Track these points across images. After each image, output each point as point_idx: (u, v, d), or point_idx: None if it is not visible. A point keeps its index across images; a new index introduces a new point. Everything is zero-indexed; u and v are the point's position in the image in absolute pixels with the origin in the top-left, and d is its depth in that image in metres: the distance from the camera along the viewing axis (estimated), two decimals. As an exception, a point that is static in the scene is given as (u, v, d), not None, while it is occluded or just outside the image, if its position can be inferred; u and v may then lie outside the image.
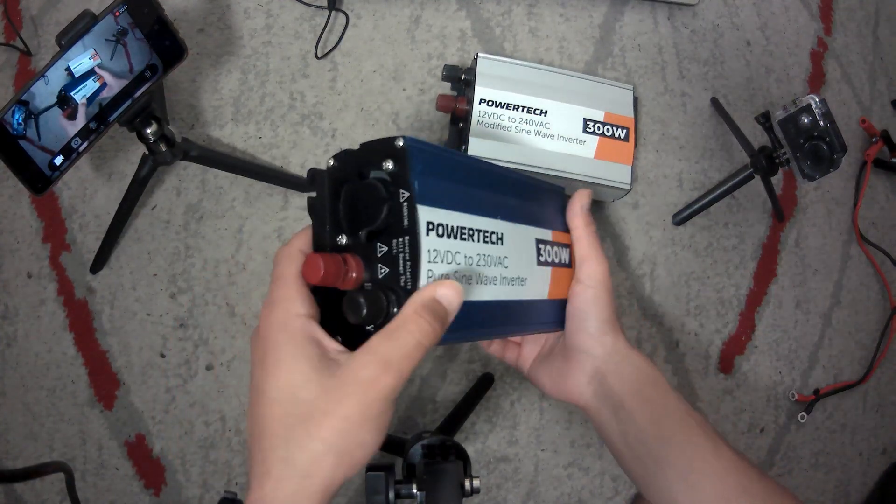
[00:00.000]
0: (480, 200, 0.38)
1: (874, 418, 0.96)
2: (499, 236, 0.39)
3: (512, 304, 0.41)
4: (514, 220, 0.41)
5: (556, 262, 0.46)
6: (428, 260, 0.33)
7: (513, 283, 0.40)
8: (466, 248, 0.36)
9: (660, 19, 0.98)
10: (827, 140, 0.76)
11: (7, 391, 0.79)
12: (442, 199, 0.35)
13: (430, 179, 0.34)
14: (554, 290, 0.45)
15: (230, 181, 0.84)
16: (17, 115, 0.59)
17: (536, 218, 0.44)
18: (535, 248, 0.44)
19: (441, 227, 0.34)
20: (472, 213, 0.37)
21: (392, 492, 0.52)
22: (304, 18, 0.90)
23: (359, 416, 0.30)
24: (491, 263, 0.38)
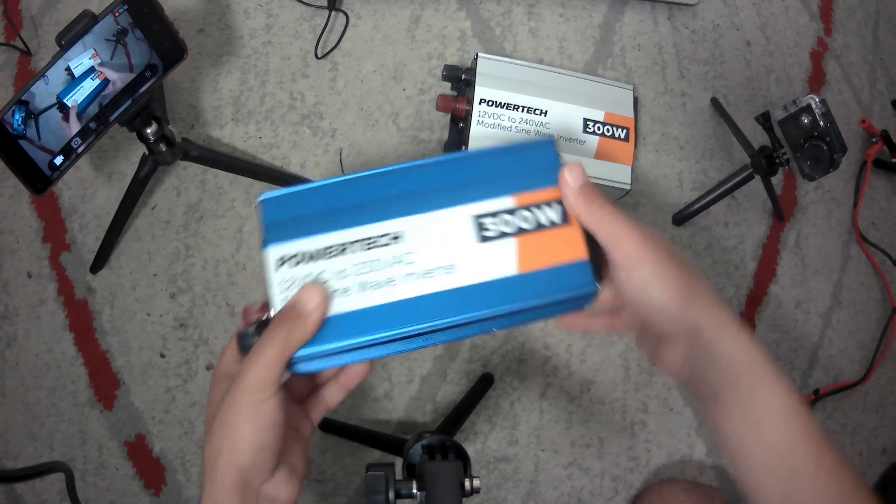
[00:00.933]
0: (358, 211, 0.41)
1: (874, 418, 0.96)
2: (390, 235, 0.41)
3: (435, 297, 0.40)
4: (420, 210, 0.42)
5: (527, 229, 0.42)
6: (280, 291, 0.40)
7: (428, 275, 0.41)
8: (336, 264, 0.40)
9: (660, 19, 0.98)
10: (827, 140, 0.76)
11: (7, 391, 0.79)
12: (299, 231, 0.41)
13: (284, 220, 0.41)
14: (531, 259, 0.41)
15: (230, 181, 0.84)
16: (17, 115, 0.59)
17: (476, 192, 0.42)
18: (474, 225, 0.42)
19: (298, 256, 0.40)
20: (337, 230, 0.41)
21: (392, 492, 0.52)
22: (304, 18, 0.90)
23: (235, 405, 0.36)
24: (380, 267, 0.40)
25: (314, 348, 0.39)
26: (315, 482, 0.81)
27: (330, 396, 0.45)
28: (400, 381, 0.84)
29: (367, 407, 0.83)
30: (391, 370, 0.83)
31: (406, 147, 0.88)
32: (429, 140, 0.89)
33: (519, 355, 0.86)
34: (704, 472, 0.89)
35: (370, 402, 0.83)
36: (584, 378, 0.87)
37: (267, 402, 0.36)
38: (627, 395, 0.88)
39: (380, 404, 0.83)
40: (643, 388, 0.89)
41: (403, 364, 0.84)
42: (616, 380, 0.88)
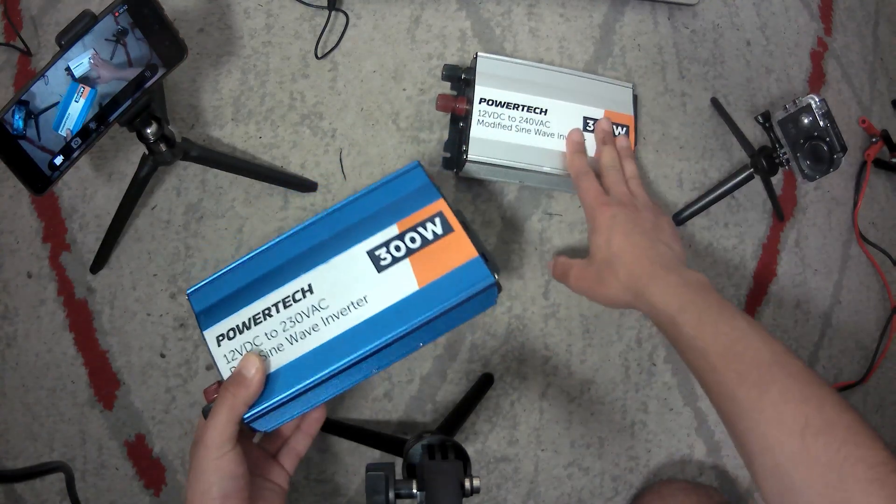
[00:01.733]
0: (270, 280, 0.47)
1: (874, 418, 0.96)
2: (302, 290, 0.47)
3: (357, 328, 0.45)
4: (321, 261, 0.47)
5: (414, 248, 0.47)
6: (225, 364, 0.46)
7: (344, 313, 0.46)
8: (265, 327, 0.46)
9: (660, 19, 0.98)
10: (827, 140, 0.77)
11: (7, 391, 0.79)
12: (226, 310, 0.47)
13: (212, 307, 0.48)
14: (428, 272, 0.46)
15: (230, 181, 0.84)
16: (17, 115, 0.60)
17: (361, 232, 0.48)
18: (369, 260, 0.47)
19: (232, 331, 0.46)
20: (258, 299, 0.47)
21: (392, 492, 0.52)
22: (304, 18, 0.90)
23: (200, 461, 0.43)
24: (304, 318, 0.46)
25: (266, 404, 0.44)
26: (315, 482, 0.81)
27: (298, 445, 0.54)
28: (400, 381, 0.84)
29: (367, 407, 0.83)
30: (391, 370, 0.83)
31: (406, 147, 0.88)
32: (429, 140, 0.89)
33: (519, 355, 0.86)
34: (704, 472, 0.89)
35: (370, 402, 0.83)
36: (584, 378, 0.87)
37: (225, 458, 0.43)
38: (627, 395, 0.88)
39: (380, 404, 0.83)
40: (643, 388, 0.89)
41: (403, 364, 0.84)
42: (616, 380, 0.88)
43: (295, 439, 0.53)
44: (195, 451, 0.44)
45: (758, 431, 0.41)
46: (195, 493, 0.43)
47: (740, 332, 0.46)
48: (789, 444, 0.39)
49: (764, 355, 0.43)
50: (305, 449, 0.54)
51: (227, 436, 0.43)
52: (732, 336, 0.46)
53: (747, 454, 0.42)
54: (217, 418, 0.43)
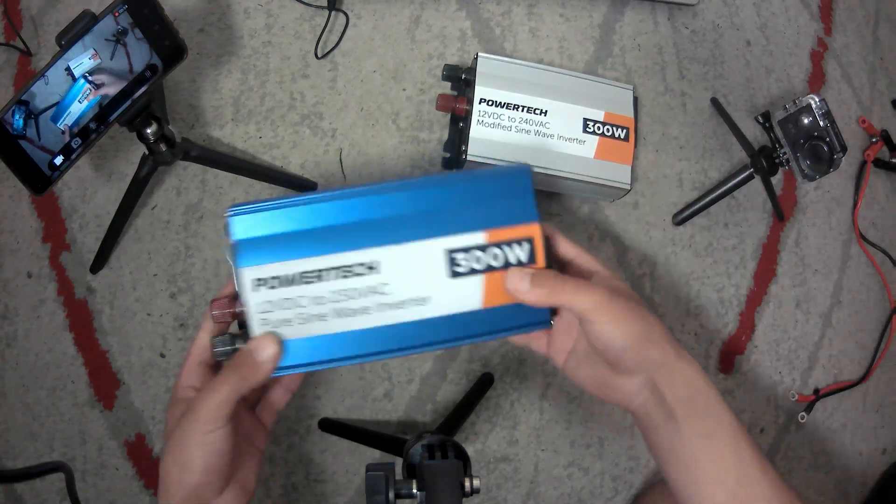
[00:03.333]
0: (337, 236, 0.40)
1: (874, 418, 0.96)
2: (369, 266, 0.41)
3: (405, 327, 0.41)
4: (400, 241, 0.41)
5: (496, 266, 0.42)
6: (259, 311, 0.40)
7: (401, 306, 0.41)
8: (314, 290, 0.40)
9: (660, 19, 0.98)
10: (827, 140, 0.76)
11: (7, 391, 0.79)
12: (274, 253, 0.40)
13: (258, 240, 0.39)
14: (497, 296, 0.42)
15: (230, 181, 0.84)
16: (17, 115, 0.59)
17: (450, 225, 0.42)
18: (446, 260, 0.42)
19: (274, 280, 0.39)
20: (322, 254, 0.40)
21: (392, 492, 0.52)
22: (304, 18, 0.90)
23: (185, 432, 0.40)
24: (358, 295, 0.40)
25: (285, 367, 0.40)
26: (315, 482, 0.81)
27: (276, 398, 0.49)
28: (400, 381, 0.84)
29: (367, 407, 0.83)
30: (391, 370, 0.83)
31: (406, 147, 0.88)
32: (429, 140, 0.89)
33: (519, 355, 0.86)
34: (704, 472, 0.89)
35: (370, 402, 0.83)
36: (584, 378, 0.87)
37: (215, 433, 0.39)
38: (627, 395, 0.88)
39: (380, 404, 0.83)
40: (643, 388, 0.89)
41: (403, 364, 0.84)
42: (616, 380, 0.88)
43: (274, 392, 0.48)
44: (183, 422, 0.40)
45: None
46: (174, 463, 0.40)
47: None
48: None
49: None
50: (283, 405, 0.49)
51: (222, 414, 0.39)
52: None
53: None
54: (216, 394, 0.39)
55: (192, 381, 0.44)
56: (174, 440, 0.40)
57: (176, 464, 0.40)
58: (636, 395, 0.45)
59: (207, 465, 0.40)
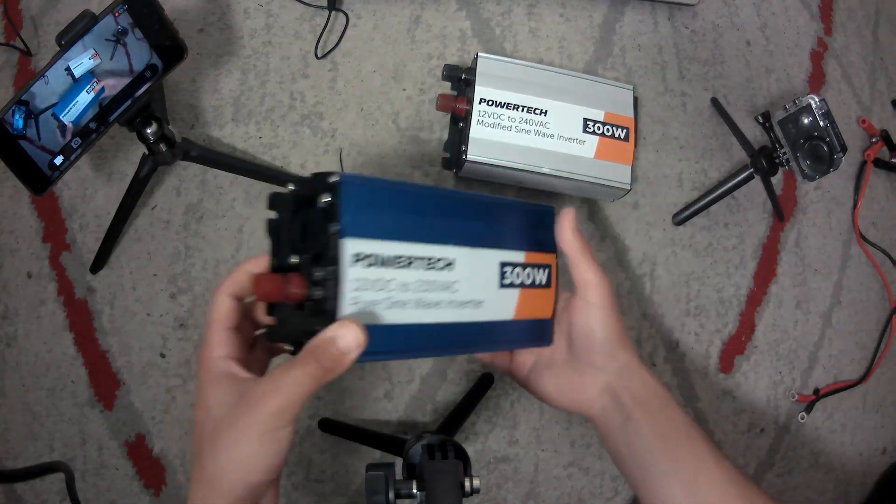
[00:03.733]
0: (429, 228, 0.41)
1: (874, 418, 0.96)
2: (448, 262, 0.41)
3: (461, 327, 0.43)
4: (472, 244, 0.43)
5: (527, 284, 0.47)
6: (353, 289, 0.36)
7: (463, 306, 0.42)
8: (403, 276, 0.39)
9: (660, 19, 0.98)
10: (827, 140, 0.76)
11: (7, 391, 0.79)
12: (377, 230, 0.38)
13: (364, 213, 0.37)
14: (523, 310, 0.46)
15: (230, 181, 0.84)
16: (17, 115, 0.60)
17: (504, 240, 0.45)
18: (499, 271, 0.45)
19: (373, 258, 0.37)
20: (415, 242, 0.40)
21: (392, 492, 0.52)
22: (304, 18, 0.90)
23: (252, 429, 0.35)
24: (435, 289, 0.41)
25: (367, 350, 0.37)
26: (315, 482, 0.81)
27: None
28: (400, 381, 0.84)
29: (367, 407, 0.83)
30: (391, 370, 0.83)
31: (406, 147, 0.88)
32: (429, 140, 0.89)
33: (519, 355, 0.86)
34: (704, 472, 0.89)
35: (370, 402, 0.83)
36: (584, 378, 0.87)
37: (285, 430, 0.36)
38: (627, 395, 0.88)
39: (380, 404, 0.83)
40: (643, 388, 0.89)
41: (403, 364, 0.84)
42: (616, 380, 0.88)
43: None
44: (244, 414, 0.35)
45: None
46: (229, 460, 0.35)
47: None
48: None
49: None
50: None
51: (296, 411, 0.35)
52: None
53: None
54: (295, 388, 0.35)
55: (227, 350, 0.39)
56: (231, 436, 0.35)
57: (233, 461, 0.36)
58: (596, 399, 0.47)
59: (270, 464, 0.36)
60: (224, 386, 0.38)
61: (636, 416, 0.45)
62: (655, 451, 0.45)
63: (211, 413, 0.37)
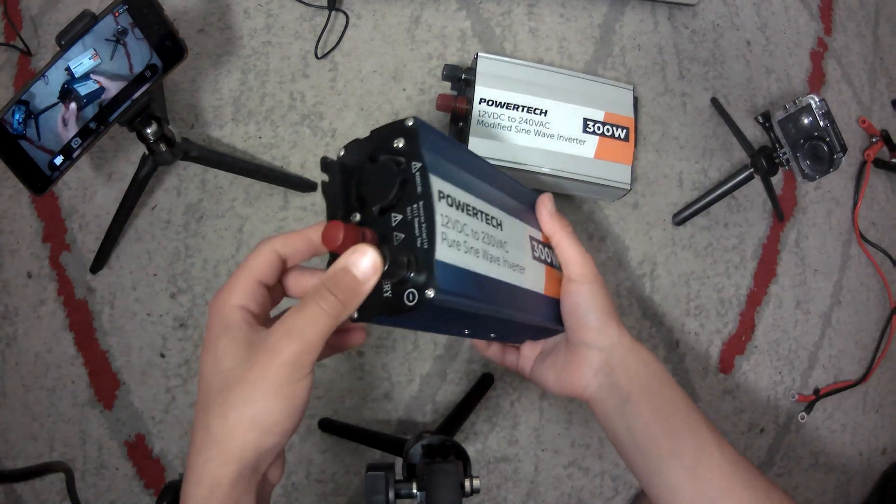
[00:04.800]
0: (481, 187, 0.42)
1: (874, 418, 0.96)
2: (498, 222, 0.43)
3: (513, 288, 0.43)
4: (510, 213, 0.45)
5: (548, 262, 0.48)
6: (442, 224, 0.35)
7: (514, 268, 0.43)
8: (473, 224, 0.39)
9: (660, 19, 0.98)
10: (827, 140, 0.76)
11: (7, 391, 0.79)
12: (449, 175, 0.38)
13: (438, 157, 0.38)
14: (549, 287, 0.47)
15: (230, 181, 0.84)
16: (17, 115, 0.59)
17: (526, 217, 0.47)
18: (529, 243, 0.46)
19: (450, 199, 0.37)
20: (475, 196, 0.41)
21: (392, 492, 0.52)
22: (304, 18, 0.90)
23: (265, 382, 0.31)
24: (494, 244, 0.41)
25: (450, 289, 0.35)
26: (315, 482, 0.81)
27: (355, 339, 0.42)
28: (400, 381, 0.84)
29: (367, 407, 0.83)
30: (391, 370, 0.83)
31: (406, 147, 0.88)
32: (429, 140, 0.89)
33: (519, 355, 0.86)
34: (704, 472, 0.89)
35: (370, 402, 0.83)
36: (584, 378, 0.87)
37: (302, 382, 0.32)
38: (627, 395, 0.88)
39: (380, 404, 0.83)
40: (643, 388, 0.89)
41: (403, 364, 0.84)
42: (616, 380, 0.88)
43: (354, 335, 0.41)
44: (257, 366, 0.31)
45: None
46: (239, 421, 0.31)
47: None
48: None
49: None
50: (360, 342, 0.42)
51: (314, 356, 0.32)
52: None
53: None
54: (312, 328, 0.31)
55: (248, 300, 0.34)
56: (243, 389, 0.31)
57: (244, 420, 0.31)
58: (592, 379, 0.47)
59: (285, 423, 0.32)
60: (237, 336, 0.33)
61: (634, 398, 0.45)
62: (656, 436, 0.44)
63: (220, 366, 0.32)
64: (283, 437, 0.32)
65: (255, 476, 0.33)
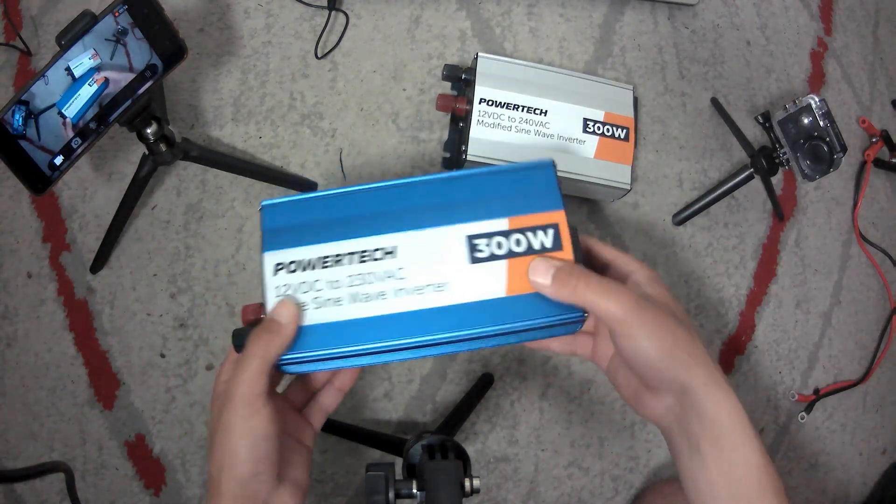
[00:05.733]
0: (357, 225, 0.42)
1: (874, 418, 0.96)
2: (384, 250, 0.42)
3: (425, 314, 0.40)
4: (415, 227, 0.42)
5: (518, 252, 0.41)
6: (275, 295, 0.41)
7: (418, 291, 0.41)
8: (326, 275, 0.41)
9: (660, 19, 0.98)
10: (827, 140, 0.77)
11: (7, 391, 0.79)
12: (296, 240, 0.42)
13: (282, 230, 0.42)
14: (519, 283, 0.41)
15: (230, 181, 0.84)
16: (17, 115, 0.59)
17: (468, 213, 0.42)
18: (467, 245, 0.42)
19: (294, 264, 0.41)
20: (334, 241, 0.42)
21: (392, 492, 0.52)
22: (304, 18, 0.90)
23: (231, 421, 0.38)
24: (372, 281, 0.41)
25: (304, 353, 0.40)
26: (315, 482, 0.81)
27: (327, 400, 0.47)
28: (400, 381, 0.84)
29: (367, 407, 0.83)
30: (391, 370, 0.83)
31: (406, 147, 0.88)
32: (429, 140, 0.89)
33: (519, 355, 0.86)
34: (704, 472, 0.89)
35: (370, 402, 0.83)
36: (584, 378, 0.87)
37: (257, 417, 0.38)
38: (627, 395, 0.88)
39: (380, 404, 0.83)
40: (643, 388, 0.89)
41: (403, 364, 0.84)
42: (616, 380, 0.88)
43: (325, 394, 0.47)
44: (221, 409, 0.39)
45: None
46: (222, 457, 0.38)
47: None
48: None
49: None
50: (335, 405, 0.47)
51: (258, 390, 0.38)
52: None
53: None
54: (247, 371, 0.38)
55: (228, 375, 0.42)
56: (219, 435, 0.38)
57: (224, 458, 0.38)
58: (663, 417, 0.41)
59: (255, 454, 0.38)
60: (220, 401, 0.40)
61: (703, 450, 0.39)
62: (719, 494, 0.39)
63: (212, 422, 0.40)
64: (255, 465, 0.38)
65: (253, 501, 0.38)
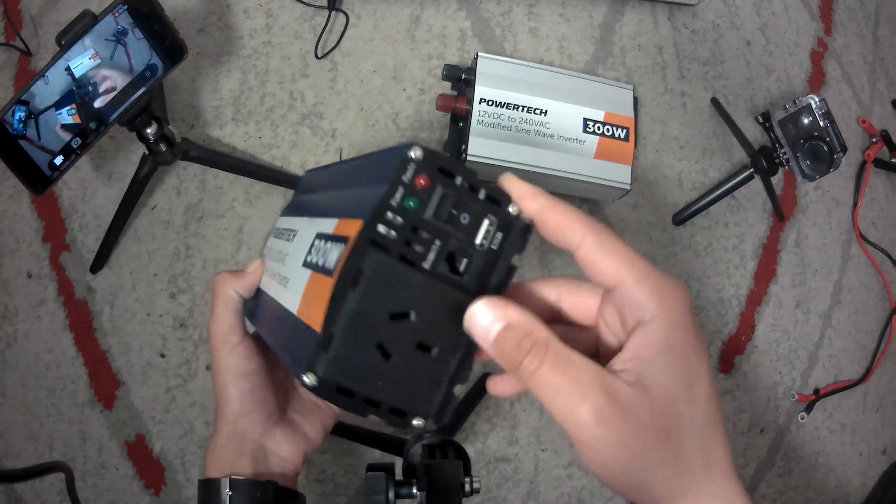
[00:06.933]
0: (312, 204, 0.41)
1: (874, 418, 0.96)
2: (293, 233, 0.39)
3: (279, 308, 0.34)
4: (312, 214, 0.36)
5: (319, 266, 0.30)
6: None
7: (283, 281, 0.36)
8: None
9: (660, 19, 0.98)
10: (827, 140, 0.77)
11: (7, 391, 0.79)
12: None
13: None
14: (305, 306, 0.29)
15: (230, 181, 0.84)
16: (17, 115, 0.60)
17: (335, 208, 0.33)
18: (309, 244, 0.33)
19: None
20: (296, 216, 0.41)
21: (392, 492, 0.52)
22: (304, 18, 0.90)
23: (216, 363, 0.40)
24: (280, 259, 0.40)
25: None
26: (315, 482, 0.81)
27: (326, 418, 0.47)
28: (400, 381, 0.83)
29: (367, 407, 0.83)
30: (391, 370, 0.83)
31: (406, 147, 0.88)
32: (429, 140, 0.89)
33: (519, 355, 0.86)
34: (704, 472, 0.89)
35: (370, 402, 0.83)
36: (584, 378, 0.87)
37: (232, 355, 0.40)
38: (627, 395, 0.88)
39: (380, 404, 0.83)
40: (643, 388, 0.88)
41: (403, 364, 0.84)
42: (616, 380, 0.88)
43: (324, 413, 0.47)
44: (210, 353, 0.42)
45: None
46: (216, 395, 0.41)
47: None
48: None
49: None
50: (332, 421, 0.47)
51: (228, 325, 0.40)
52: None
53: None
54: (216, 308, 0.41)
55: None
56: (211, 375, 0.41)
57: (217, 396, 0.41)
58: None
59: (241, 390, 0.40)
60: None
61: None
62: None
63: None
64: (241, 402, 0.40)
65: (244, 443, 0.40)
